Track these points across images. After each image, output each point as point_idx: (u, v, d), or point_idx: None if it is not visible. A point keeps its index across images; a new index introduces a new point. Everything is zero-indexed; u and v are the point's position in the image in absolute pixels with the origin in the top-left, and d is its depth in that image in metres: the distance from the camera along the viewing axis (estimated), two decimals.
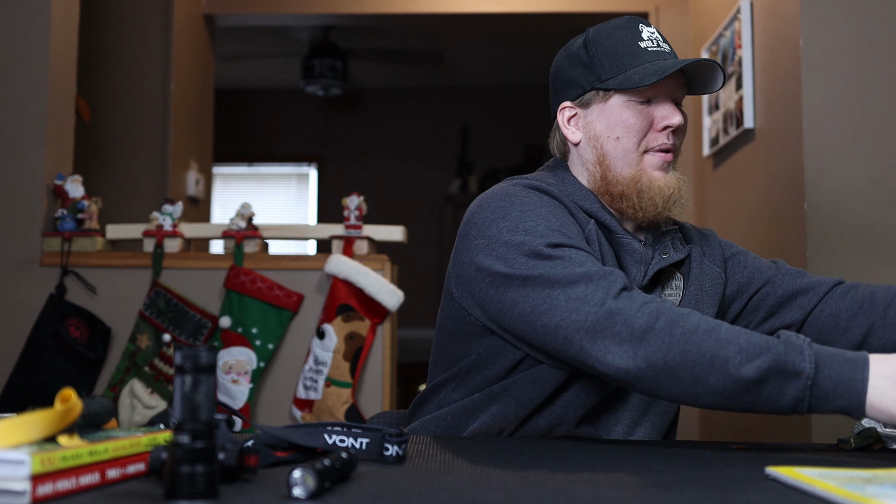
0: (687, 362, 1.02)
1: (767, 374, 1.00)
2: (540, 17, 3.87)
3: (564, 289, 1.11)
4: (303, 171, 6.75)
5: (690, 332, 1.03)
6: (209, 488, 0.71)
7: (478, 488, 0.80)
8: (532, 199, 1.24)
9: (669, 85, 1.29)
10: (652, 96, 1.29)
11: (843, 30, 2.19)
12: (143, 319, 2.47)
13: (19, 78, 2.55)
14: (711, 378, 1.02)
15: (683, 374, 1.03)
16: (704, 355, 1.02)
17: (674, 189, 1.28)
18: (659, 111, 1.29)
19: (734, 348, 1.01)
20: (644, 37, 1.29)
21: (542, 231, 1.18)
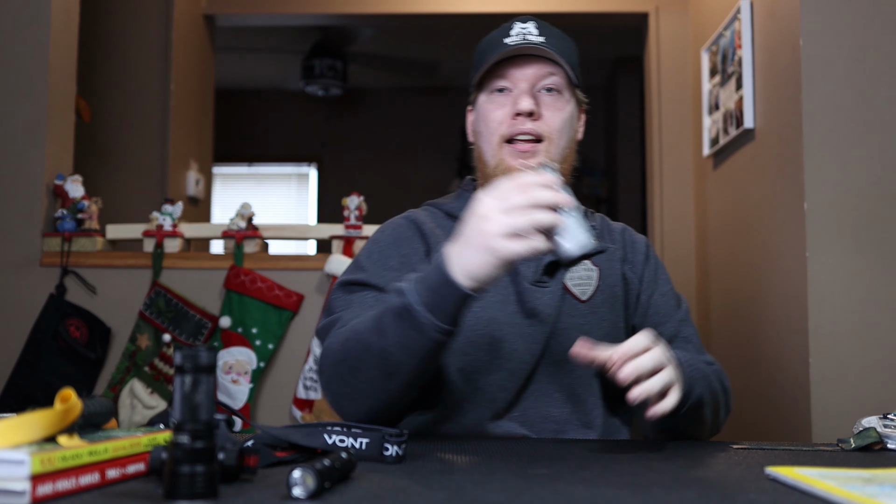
0: (351, 371, 1.12)
1: (389, 328, 1.07)
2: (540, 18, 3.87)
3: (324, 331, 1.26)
4: (303, 171, 6.75)
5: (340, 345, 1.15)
6: (209, 488, 0.71)
7: (478, 488, 0.80)
8: (384, 234, 1.35)
9: (528, 74, 1.29)
10: (509, 86, 1.30)
11: (843, 30, 2.19)
12: (143, 319, 2.47)
13: (19, 78, 2.55)
14: (370, 366, 1.10)
15: (356, 382, 1.12)
16: (354, 354, 1.12)
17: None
18: (513, 98, 1.30)
19: (367, 330, 1.10)
20: (513, 33, 1.31)
21: (362, 265, 1.30)
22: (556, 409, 1.28)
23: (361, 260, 1.31)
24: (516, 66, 1.30)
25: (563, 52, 1.31)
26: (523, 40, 1.30)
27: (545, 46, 1.29)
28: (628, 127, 5.79)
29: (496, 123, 1.30)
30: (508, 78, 1.30)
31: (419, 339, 1.05)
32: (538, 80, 1.30)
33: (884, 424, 1.16)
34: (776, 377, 2.36)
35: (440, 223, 1.36)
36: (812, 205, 2.17)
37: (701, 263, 3.34)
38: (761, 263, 2.54)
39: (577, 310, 1.31)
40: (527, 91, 1.29)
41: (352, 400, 1.14)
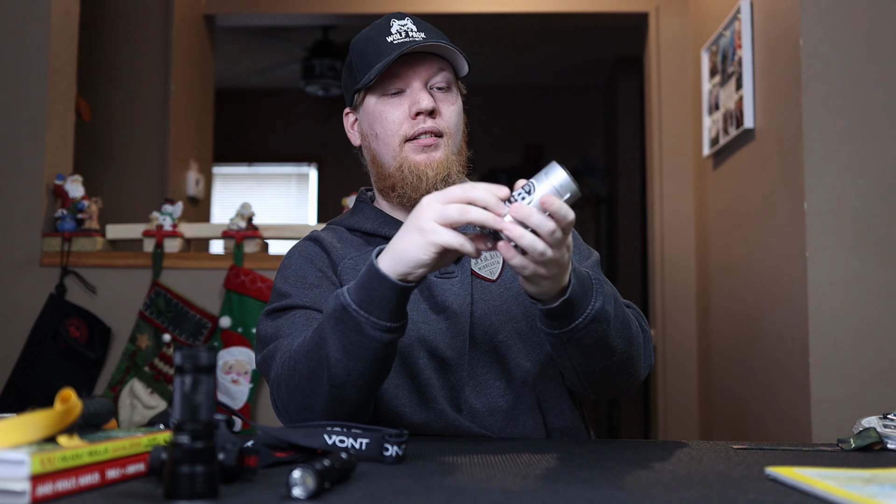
0: (305, 396, 1.11)
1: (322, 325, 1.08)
2: (540, 17, 3.87)
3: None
4: (303, 171, 6.75)
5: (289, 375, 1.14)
6: (209, 488, 0.71)
7: (478, 488, 0.80)
8: (293, 258, 1.34)
9: (420, 71, 1.29)
10: (403, 87, 1.30)
11: (843, 30, 2.19)
12: (143, 319, 2.47)
13: (19, 78, 2.55)
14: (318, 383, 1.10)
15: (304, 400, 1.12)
16: (306, 376, 1.11)
17: (438, 170, 1.29)
18: (411, 98, 1.30)
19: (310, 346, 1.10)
20: (393, 31, 1.30)
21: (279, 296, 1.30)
22: (500, 400, 1.27)
23: (279, 287, 1.30)
24: (408, 65, 1.29)
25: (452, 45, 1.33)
26: (406, 38, 1.29)
27: (432, 41, 1.28)
28: (628, 127, 5.79)
29: (396, 125, 1.30)
30: (402, 78, 1.30)
31: (360, 340, 1.04)
32: (430, 78, 1.31)
33: (884, 424, 1.16)
34: (776, 377, 2.35)
35: (341, 237, 1.36)
36: (812, 205, 2.17)
37: (701, 263, 3.34)
38: (761, 263, 2.54)
39: (489, 292, 1.30)
40: (422, 89, 1.30)
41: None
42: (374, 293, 1.03)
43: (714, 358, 3.12)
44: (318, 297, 1.26)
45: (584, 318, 1.08)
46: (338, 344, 1.06)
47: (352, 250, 1.34)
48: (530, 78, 6.31)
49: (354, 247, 1.35)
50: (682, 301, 3.47)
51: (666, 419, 3.49)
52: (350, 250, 1.34)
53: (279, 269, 1.34)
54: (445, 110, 1.32)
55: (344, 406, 1.11)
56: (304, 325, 1.21)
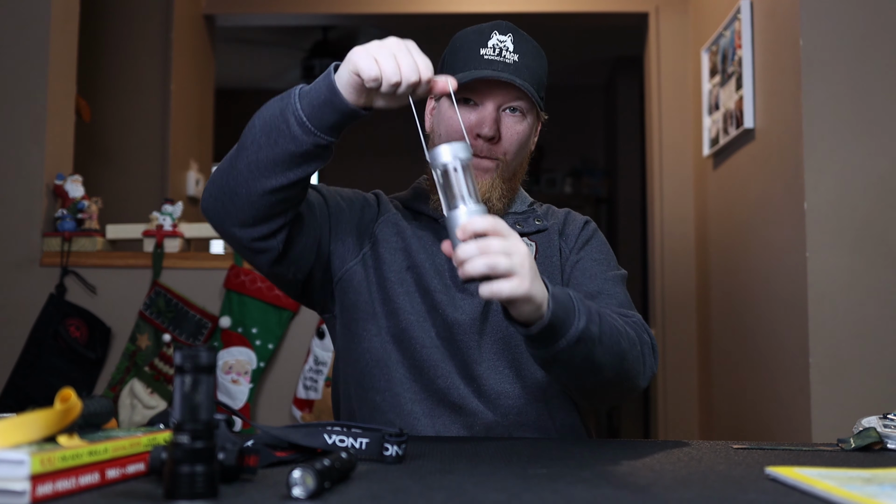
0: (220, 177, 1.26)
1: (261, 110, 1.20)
2: (540, 17, 3.87)
3: None
4: None
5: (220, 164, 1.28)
6: (209, 488, 0.71)
7: (478, 488, 0.80)
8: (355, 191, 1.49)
9: (497, 94, 1.30)
10: (478, 101, 1.31)
11: (843, 30, 2.19)
12: (143, 319, 2.47)
13: (19, 78, 2.55)
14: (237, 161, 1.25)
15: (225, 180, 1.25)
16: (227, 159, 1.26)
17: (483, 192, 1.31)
18: (476, 117, 1.31)
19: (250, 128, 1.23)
20: (490, 45, 1.33)
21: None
22: (508, 386, 1.28)
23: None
24: (487, 83, 1.30)
25: (535, 73, 1.33)
26: (499, 57, 1.31)
27: (518, 72, 1.30)
28: (628, 127, 5.79)
29: (457, 133, 1.32)
30: (478, 93, 1.31)
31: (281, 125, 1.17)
32: (504, 101, 1.31)
33: (884, 424, 1.16)
34: (776, 377, 2.35)
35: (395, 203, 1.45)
36: (812, 205, 2.17)
37: (701, 263, 3.34)
38: (761, 263, 2.54)
39: None
40: (492, 113, 1.30)
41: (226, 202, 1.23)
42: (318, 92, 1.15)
43: (714, 358, 3.12)
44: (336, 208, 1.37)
45: (567, 340, 1.08)
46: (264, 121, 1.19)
47: (398, 211, 1.42)
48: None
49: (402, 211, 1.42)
50: (682, 301, 3.47)
51: (666, 419, 3.49)
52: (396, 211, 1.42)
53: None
54: (507, 136, 1.32)
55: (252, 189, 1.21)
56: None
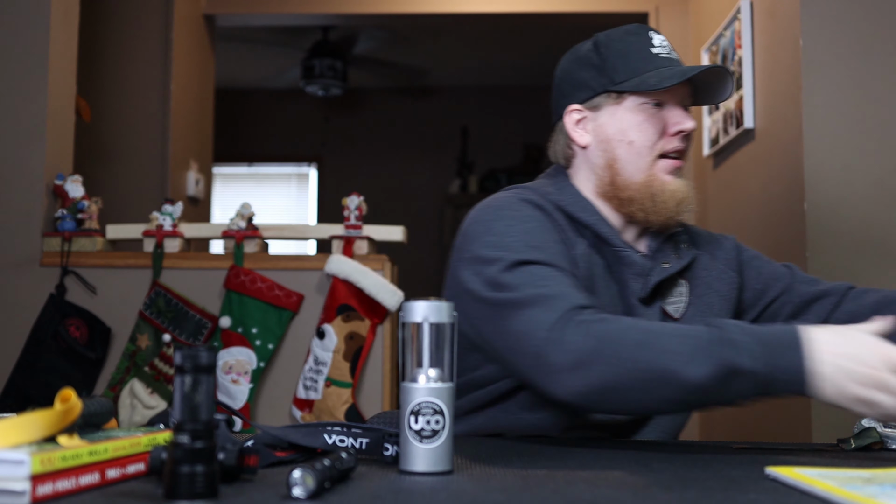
0: (628, 381, 1.02)
1: (714, 379, 0.99)
2: (540, 17, 3.87)
3: (517, 312, 1.11)
4: (303, 171, 6.75)
5: (621, 348, 1.02)
6: (209, 488, 0.71)
7: (478, 488, 0.80)
8: (522, 212, 1.23)
9: (680, 92, 1.29)
10: (664, 101, 1.28)
11: (843, 30, 2.19)
12: (143, 319, 2.47)
13: (19, 78, 2.55)
14: (656, 391, 1.02)
15: (628, 393, 1.03)
16: (645, 371, 1.01)
17: (685, 194, 1.29)
18: (671, 116, 1.28)
19: (675, 357, 1.00)
20: (655, 43, 1.30)
21: (518, 247, 1.17)
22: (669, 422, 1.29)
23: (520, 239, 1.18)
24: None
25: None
26: (670, 54, 1.29)
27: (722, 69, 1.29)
28: None
29: (655, 138, 1.28)
30: (668, 92, 1.28)
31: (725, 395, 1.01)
32: (683, 100, 1.31)
33: (884, 424, 1.16)
34: None
35: (553, 214, 1.28)
36: (812, 205, 2.17)
37: None
38: None
39: None
40: (683, 110, 1.30)
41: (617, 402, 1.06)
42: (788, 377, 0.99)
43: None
44: (562, 257, 1.19)
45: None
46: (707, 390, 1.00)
47: (573, 237, 1.27)
48: (530, 78, 6.30)
49: (570, 231, 1.27)
50: None
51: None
52: (571, 236, 1.27)
53: (504, 218, 1.22)
54: (691, 136, 1.32)
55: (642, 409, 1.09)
56: (577, 287, 1.13)
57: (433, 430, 0.86)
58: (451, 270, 1.27)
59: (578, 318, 1.06)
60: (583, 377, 1.03)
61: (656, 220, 1.29)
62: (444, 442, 0.86)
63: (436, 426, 0.86)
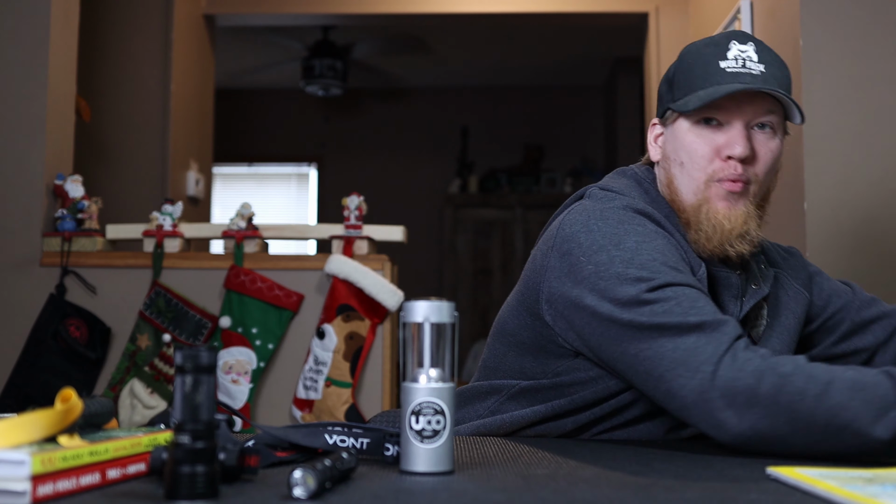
0: (798, 430, 0.97)
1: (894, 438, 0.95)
2: (540, 17, 3.87)
3: (674, 338, 1.04)
4: (303, 171, 6.75)
5: (798, 398, 0.96)
6: (209, 488, 0.71)
7: (478, 488, 0.80)
8: (646, 228, 1.16)
9: (746, 110, 1.18)
10: (723, 120, 1.19)
11: (843, 30, 2.19)
12: (143, 319, 2.47)
13: (19, 78, 2.55)
14: (830, 442, 0.97)
15: (796, 439, 0.98)
16: (823, 425, 0.96)
17: (735, 224, 1.18)
18: (724, 138, 1.19)
19: (851, 413, 0.95)
20: (730, 56, 1.18)
21: (657, 267, 1.09)
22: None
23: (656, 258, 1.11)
24: (733, 98, 1.17)
25: (783, 83, 1.19)
26: (743, 68, 1.17)
27: (766, 83, 1.17)
28: (628, 127, 5.79)
29: (705, 161, 1.19)
30: (724, 111, 1.18)
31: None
32: (755, 117, 1.19)
33: None
34: None
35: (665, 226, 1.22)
36: (812, 205, 2.17)
37: None
38: None
39: None
40: (742, 132, 1.18)
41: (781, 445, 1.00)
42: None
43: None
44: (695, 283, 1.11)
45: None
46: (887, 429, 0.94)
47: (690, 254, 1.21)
48: (530, 78, 6.30)
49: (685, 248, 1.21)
50: None
51: None
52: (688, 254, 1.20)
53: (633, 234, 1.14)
54: (762, 153, 1.20)
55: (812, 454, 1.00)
56: (713, 310, 1.06)
57: (434, 431, 0.86)
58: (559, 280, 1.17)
59: (744, 356, 1.00)
60: (746, 420, 0.98)
61: (708, 246, 1.20)
62: (445, 442, 0.86)
63: (437, 426, 0.86)
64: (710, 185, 1.19)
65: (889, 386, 0.96)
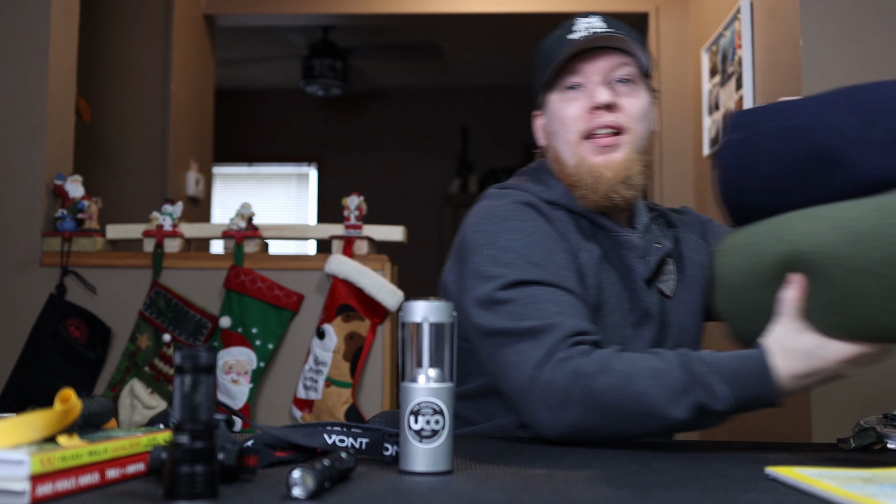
0: (610, 421, 1.07)
1: (692, 420, 1.06)
2: (540, 17, 3.87)
3: (509, 343, 1.13)
4: (303, 171, 6.75)
5: (604, 394, 1.06)
6: (209, 488, 0.71)
7: (478, 488, 0.80)
8: (527, 223, 1.22)
9: (601, 66, 1.26)
10: (583, 81, 1.27)
11: (843, 30, 2.19)
12: (143, 319, 2.47)
13: (19, 78, 2.55)
14: (637, 427, 1.07)
15: (609, 429, 1.08)
16: (626, 414, 1.06)
17: (617, 171, 1.24)
18: (587, 94, 1.26)
19: (655, 401, 1.05)
20: (576, 29, 1.27)
21: (520, 264, 1.16)
22: None
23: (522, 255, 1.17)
24: (587, 60, 1.26)
25: (635, 39, 1.28)
26: (590, 33, 1.25)
27: (606, 32, 1.25)
28: None
29: (572, 120, 1.26)
30: (580, 73, 1.26)
31: (702, 425, 1.08)
32: (611, 72, 1.26)
33: (884, 424, 1.16)
34: None
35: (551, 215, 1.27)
36: None
37: None
38: None
39: (668, 307, 1.33)
40: (601, 83, 1.25)
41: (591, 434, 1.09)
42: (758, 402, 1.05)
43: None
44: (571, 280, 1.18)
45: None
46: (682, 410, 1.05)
47: (576, 236, 1.26)
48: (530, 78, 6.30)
49: (566, 227, 1.26)
50: None
51: None
52: (565, 232, 1.25)
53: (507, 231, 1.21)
54: (627, 103, 1.26)
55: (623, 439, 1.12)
56: (573, 308, 1.14)
57: (433, 430, 0.86)
58: (456, 280, 1.25)
59: (559, 356, 1.08)
60: (562, 418, 1.08)
61: (596, 200, 1.26)
62: (444, 442, 0.86)
63: (436, 426, 0.86)
64: (583, 144, 1.26)
65: (682, 370, 1.05)
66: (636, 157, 1.26)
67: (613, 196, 1.25)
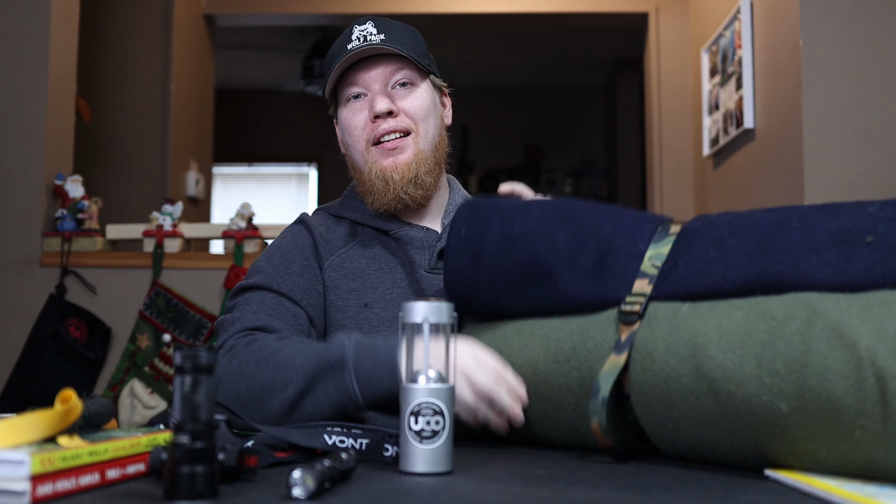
0: (252, 394, 1.10)
1: (316, 374, 1.07)
2: (540, 17, 3.87)
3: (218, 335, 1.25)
4: (303, 171, 6.75)
5: (252, 365, 1.11)
6: (209, 488, 0.71)
7: (478, 488, 0.80)
8: (286, 237, 1.35)
9: (377, 74, 1.31)
10: (364, 90, 1.32)
11: (843, 30, 2.19)
12: (143, 319, 2.47)
13: (19, 78, 2.55)
14: (276, 399, 1.09)
15: (255, 404, 1.10)
16: (266, 384, 1.09)
17: (404, 173, 1.30)
18: (369, 103, 1.31)
19: (290, 369, 1.08)
20: (353, 37, 1.31)
21: (267, 272, 1.29)
22: None
23: (261, 265, 1.31)
24: (364, 69, 1.31)
25: (406, 44, 1.32)
26: (364, 42, 1.30)
27: (385, 44, 1.29)
28: (628, 127, 5.79)
29: (359, 130, 1.32)
30: (360, 83, 1.31)
31: (330, 392, 1.07)
32: (389, 78, 1.32)
33: None
34: None
35: (329, 226, 1.37)
36: None
37: None
38: None
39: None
40: (381, 91, 1.31)
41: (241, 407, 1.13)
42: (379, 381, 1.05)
43: None
44: (296, 286, 1.28)
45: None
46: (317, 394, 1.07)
47: (337, 242, 1.35)
48: (530, 78, 6.30)
49: (341, 238, 1.36)
50: None
51: None
52: (336, 242, 1.35)
53: (271, 245, 1.36)
54: (407, 106, 1.32)
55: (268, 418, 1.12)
56: (273, 308, 1.24)
57: (433, 431, 0.86)
58: None
59: (230, 344, 1.17)
60: (222, 393, 1.12)
61: (386, 204, 1.31)
62: (444, 442, 0.86)
63: (436, 427, 0.86)
64: (371, 150, 1.32)
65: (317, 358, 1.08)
66: (425, 155, 1.33)
67: (403, 197, 1.31)
